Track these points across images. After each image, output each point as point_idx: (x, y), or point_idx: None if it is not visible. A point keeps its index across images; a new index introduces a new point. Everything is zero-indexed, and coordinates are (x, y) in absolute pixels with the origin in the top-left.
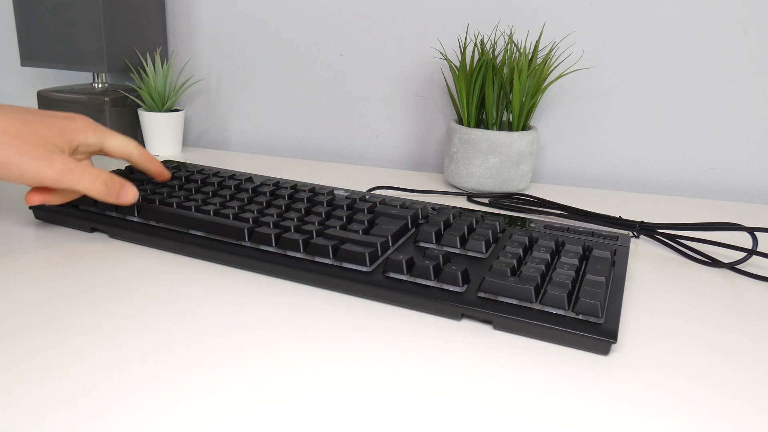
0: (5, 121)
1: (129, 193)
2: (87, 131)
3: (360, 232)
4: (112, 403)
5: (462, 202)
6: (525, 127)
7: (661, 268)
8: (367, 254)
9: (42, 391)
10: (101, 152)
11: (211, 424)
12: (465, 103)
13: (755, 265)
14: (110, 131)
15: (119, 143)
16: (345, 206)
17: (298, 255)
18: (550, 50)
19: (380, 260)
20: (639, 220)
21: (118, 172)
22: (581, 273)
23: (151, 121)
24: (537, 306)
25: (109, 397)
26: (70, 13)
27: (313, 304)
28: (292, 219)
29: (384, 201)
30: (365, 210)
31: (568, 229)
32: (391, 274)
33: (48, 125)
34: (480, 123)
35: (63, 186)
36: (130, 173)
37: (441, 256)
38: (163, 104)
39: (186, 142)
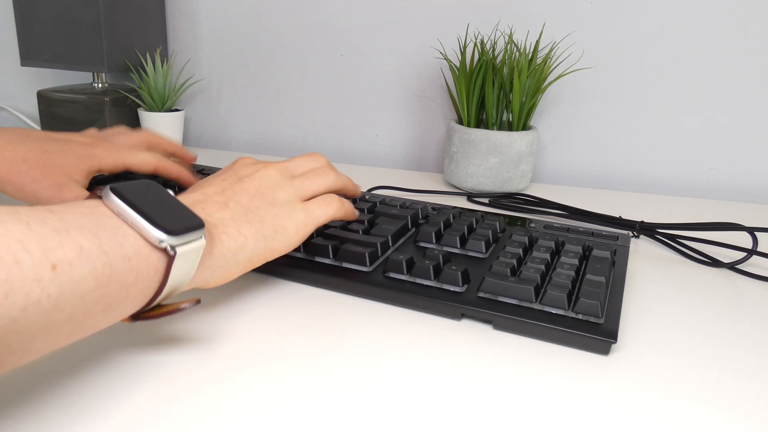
0: (27, 150)
1: None
2: (105, 157)
3: (360, 232)
4: (111, 403)
5: (462, 202)
6: (525, 127)
7: (661, 268)
8: (367, 254)
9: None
10: (125, 170)
11: (210, 424)
12: (465, 103)
13: (755, 265)
14: (129, 151)
15: (140, 161)
16: None
17: (298, 255)
18: (550, 50)
19: (380, 260)
20: (639, 220)
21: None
22: (581, 273)
23: (151, 120)
24: (537, 306)
25: (108, 398)
26: (70, 13)
27: (313, 304)
28: None
29: (384, 201)
30: (365, 210)
31: (568, 229)
32: (391, 274)
33: (67, 154)
34: (480, 123)
35: None
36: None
37: (441, 256)
38: (163, 104)
39: (186, 142)
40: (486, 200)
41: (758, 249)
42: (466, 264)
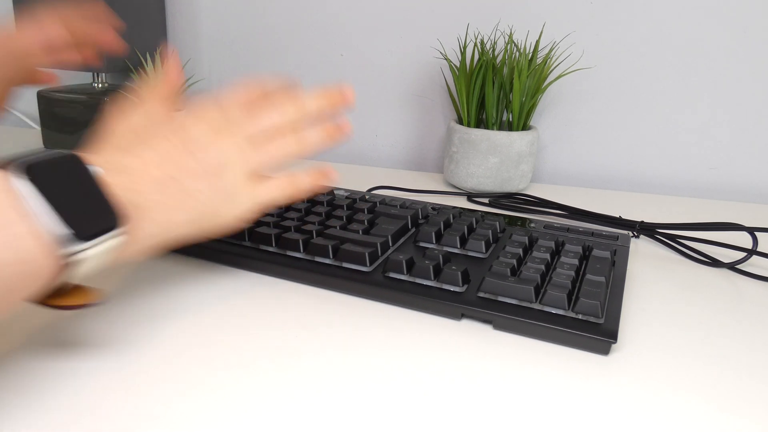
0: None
1: None
2: None
3: (360, 232)
4: (112, 403)
5: (462, 202)
6: (525, 127)
7: (661, 268)
8: (367, 254)
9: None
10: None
11: (210, 424)
12: (465, 103)
13: (755, 265)
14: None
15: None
16: (345, 206)
17: (298, 255)
18: (550, 50)
19: (380, 260)
20: (639, 220)
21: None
22: (581, 273)
23: None
24: (537, 306)
25: (107, 398)
26: None
27: (313, 304)
28: (292, 219)
29: (384, 201)
30: (365, 210)
31: (568, 229)
32: (391, 274)
33: None
34: (480, 123)
35: None
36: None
37: (441, 256)
38: None
39: None
40: (486, 200)
41: (758, 249)
42: (466, 264)
